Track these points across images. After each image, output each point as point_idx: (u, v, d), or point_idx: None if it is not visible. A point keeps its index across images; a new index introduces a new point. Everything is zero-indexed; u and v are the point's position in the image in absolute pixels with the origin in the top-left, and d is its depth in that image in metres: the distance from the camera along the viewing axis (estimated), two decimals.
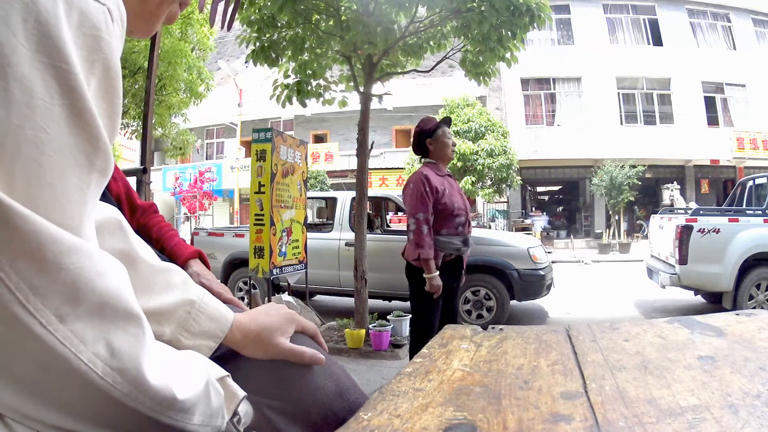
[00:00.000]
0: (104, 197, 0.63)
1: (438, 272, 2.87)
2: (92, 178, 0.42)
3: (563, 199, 20.63)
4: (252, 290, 5.48)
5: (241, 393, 0.56)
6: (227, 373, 0.56)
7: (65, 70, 0.39)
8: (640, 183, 15.26)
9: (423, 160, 3.17)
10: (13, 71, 0.36)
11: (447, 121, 3.15)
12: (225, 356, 0.66)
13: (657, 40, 18.25)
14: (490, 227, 16.28)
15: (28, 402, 0.40)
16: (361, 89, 4.65)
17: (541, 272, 5.52)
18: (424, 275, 2.85)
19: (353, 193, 5.17)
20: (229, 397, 0.54)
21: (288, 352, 0.66)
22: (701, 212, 5.71)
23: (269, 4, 4.33)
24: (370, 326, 4.44)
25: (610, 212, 16.05)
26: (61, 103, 0.39)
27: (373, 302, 5.12)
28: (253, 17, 4.42)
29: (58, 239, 0.38)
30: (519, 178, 15.48)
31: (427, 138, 3.10)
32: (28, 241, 0.37)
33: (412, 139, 3.22)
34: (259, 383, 0.64)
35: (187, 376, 0.48)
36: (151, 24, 0.58)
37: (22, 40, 0.37)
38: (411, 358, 3.08)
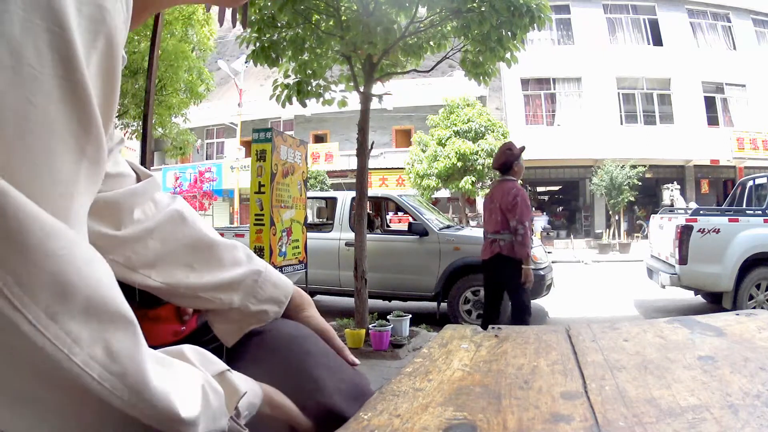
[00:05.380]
0: None
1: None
2: (82, 167, 0.37)
3: (563, 199, 20.63)
4: None
5: (243, 389, 0.54)
6: (227, 367, 0.54)
7: (60, 36, 0.33)
8: (640, 183, 15.26)
9: (503, 176, 4.03)
10: (3, 30, 0.32)
11: (523, 148, 4.10)
12: (237, 345, 0.70)
13: (657, 40, 18.25)
14: None
15: (18, 407, 0.35)
16: (361, 89, 4.65)
17: (541, 272, 5.51)
18: (524, 266, 3.76)
19: (353, 193, 5.17)
20: (230, 394, 0.52)
21: (326, 326, 0.76)
22: (701, 212, 5.71)
23: (269, 4, 4.33)
24: (370, 326, 4.44)
25: (610, 212, 16.05)
26: (52, 73, 0.33)
27: (373, 302, 5.12)
28: (253, 17, 4.42)
29: (42, 220, 0.33)
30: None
31: (514, 161, 3.98)
32: (7, 221, 0.31)
33: (499, 157, 4.03)
34: (268, 370, 0.64)
35: (185, 385, 0.45)
36: None
37: None
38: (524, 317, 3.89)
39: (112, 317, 0.37)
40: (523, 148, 4.06)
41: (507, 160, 3.98)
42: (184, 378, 0.46)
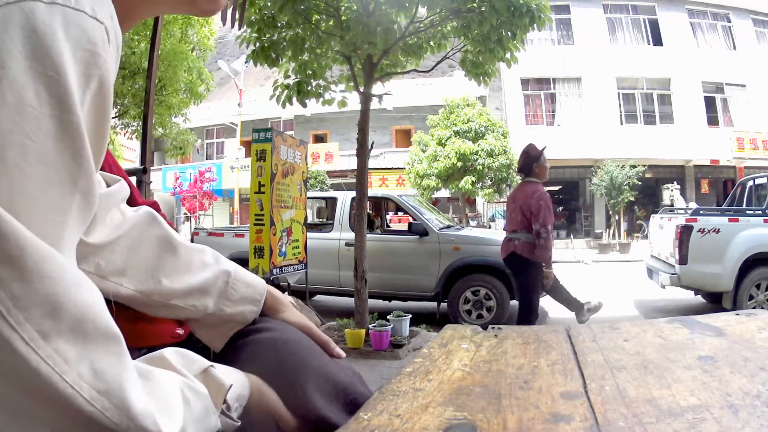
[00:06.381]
0: None
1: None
2: (74, 199, 0.40)
3: (563, 199, 20.60)
4: None
5: (228, 383, 0.54)
6: (210, 364, 0.54)
7: (57, 81, 0.38)
8: (640, 183, 15.26)
9: (525, 177, 4.14)
10: (7, 74, 0.36)
11: (544, 148, 4.14)
12: (227, 347, 0.69)
13: (657, 40, 18.25)
14: (490, 227, 16.28)
15: (8, 427, 0.36)
16: (361, 89, 4.64)
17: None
18: (546, 270, 3.92)
19: (353, 193, 5.17)
20: (216, 389, 0.52)
21: (307, 323, 0.73)
22: (701, 212, 5.71)
23: (269, 4, 4.33)
24: (370, 326, 4.44)
25: (610, 212, 16.05)
26: (50, 113, 0.37)
27: (373, 302, 5.12)
28: (253, 17, 4.42)
29: (38, 246, 0.36)
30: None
31: (533, 162, 4.02)
32: (9, 245, 0.34)
33: (519, 161, 4.19)
34: (261, 370, 0.63)
35: (166, 397, 0.45)
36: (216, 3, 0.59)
37: (18, 46, 0.36)
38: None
39: (98, 335, 0.39)
40: (544, 148, 4.12)
41: (525, 162, 4.09)
42: (163, 388, 0.46)
